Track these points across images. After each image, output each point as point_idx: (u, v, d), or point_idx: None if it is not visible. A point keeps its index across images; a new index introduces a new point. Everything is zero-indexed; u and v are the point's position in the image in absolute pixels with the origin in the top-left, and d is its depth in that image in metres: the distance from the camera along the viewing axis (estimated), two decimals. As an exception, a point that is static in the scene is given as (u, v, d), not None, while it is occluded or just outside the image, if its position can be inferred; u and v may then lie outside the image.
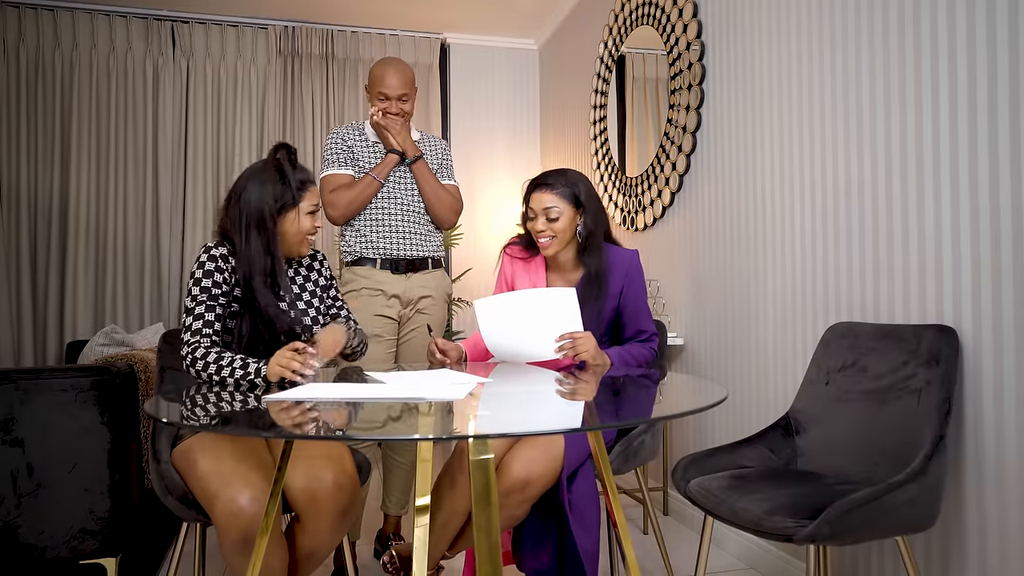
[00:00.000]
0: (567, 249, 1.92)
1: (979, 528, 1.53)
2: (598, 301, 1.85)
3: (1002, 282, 1.48)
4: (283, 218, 1.68)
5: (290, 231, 1.69)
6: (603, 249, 1.89)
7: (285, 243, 1.71)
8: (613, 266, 1.88)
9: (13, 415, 1.69)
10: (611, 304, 1.90)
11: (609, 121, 3.47)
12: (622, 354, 1.84)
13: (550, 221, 1.85)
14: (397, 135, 2.27)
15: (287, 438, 1.38)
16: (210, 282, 1.62)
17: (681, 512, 2.79)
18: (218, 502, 1.40)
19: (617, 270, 1.89)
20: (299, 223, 1.69)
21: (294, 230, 1.70)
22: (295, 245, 1.73)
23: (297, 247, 1.73)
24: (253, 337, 1.66)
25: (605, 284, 1.86)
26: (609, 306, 1.89)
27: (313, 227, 1.72)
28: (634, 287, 1.90)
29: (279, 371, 1.47)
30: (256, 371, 1.51)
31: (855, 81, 1.88)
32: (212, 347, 1.57)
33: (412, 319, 2.35)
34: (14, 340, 3.88)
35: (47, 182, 3.96)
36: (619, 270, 1.89)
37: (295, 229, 1.69)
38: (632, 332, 1.93)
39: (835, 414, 1.72)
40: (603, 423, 1.20)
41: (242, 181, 1.68)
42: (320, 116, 4.34)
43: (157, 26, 4.12)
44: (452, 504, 1.65)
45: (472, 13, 4.25)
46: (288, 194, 1.66)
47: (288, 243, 1.71)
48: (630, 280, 1.90)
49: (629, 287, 1.90)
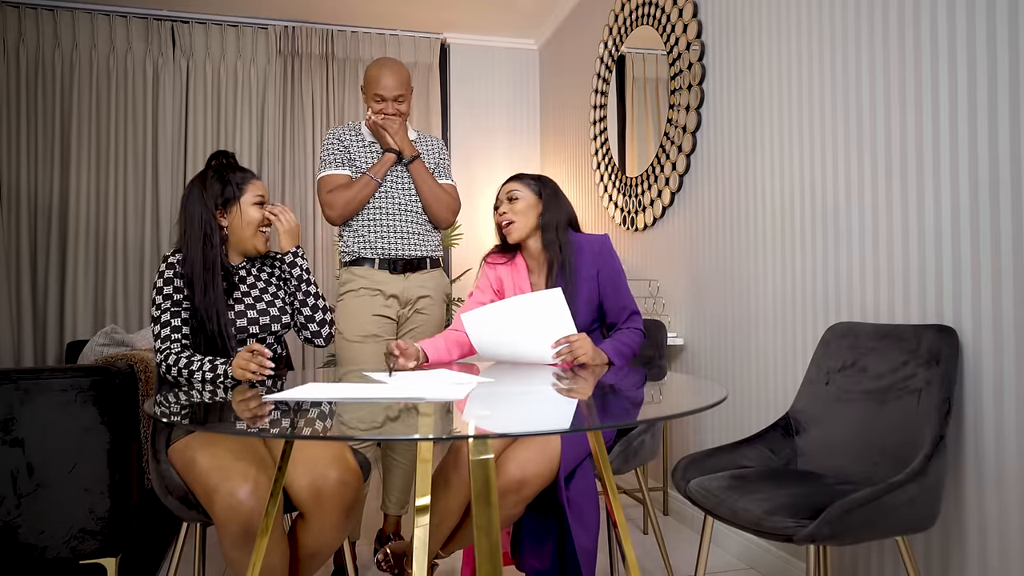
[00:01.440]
0: (533, 238, 1.96)
1: (979, 528, 1.53)
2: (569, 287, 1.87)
3: (1002, 282, 1.48)
4: (229, 214, 1.75)
5: (238, 225, 1.76)
6: (568, 237, 1.93)
7: (237, 239, 1.77)
8: (582, 251, 1.91)
9: (13, 415, 1.69)
10: (590, 287, 1.91)
11: (609, 121, 3.47)
12: (616, 347, 1.84)
13: (512, 201, 1.95)
14: (394, 135, 2.27)
15: (287, 438, 1.38)
16: (171, 288, 1.69)
17: (681, 512, 2.79)
18: (217, 496, 1.41)
19: (587, 254, 1.91)
20: (245, 214, 1.75)
21: (242, 223, 1.76)
22: (247, 239, 1.77)
23: (251, 240, 1.77)
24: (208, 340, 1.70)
25: (572, 269, 1.89)
26: (588, 289, 1.90)
27: (262, 216, 1.77)
28: (608, 267, 1.92)
29: (240, 374, 1.55)
30: (224, 372, 1.58)
31: (855, 81, 1.88)
32: (183, 351, 1.64)
33: (411, 319, 2.35)
34: (14, 340, 3.88)
35: (47, 182, 3.96)
36: (589, 254, 1.91)
37: (242, 222, 1.75)
38: (616, 313, 1.94)
39: (835, 414, 1.72)
40: (603, 423, 1.20)
41: (185, 191, 1.76)
42: (320, 116, 4.34)
43: (157, 26, 4.12)
44: (446, 504, 1.65)
45: (472, 13, 4.25)
46: (229, 189, 1.74)
47: (239, 238, 1.77)
48: (604, 261, 1.92)
49: (604, 268, 1.91)
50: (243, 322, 1.74)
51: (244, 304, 1.76)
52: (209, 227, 1.72)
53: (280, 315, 1.81)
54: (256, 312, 1.77)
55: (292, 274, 1.84)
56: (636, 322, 1.93)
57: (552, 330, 1.74)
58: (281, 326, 1.82)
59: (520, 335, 1.77)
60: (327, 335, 1.88)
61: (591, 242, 1.93)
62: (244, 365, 1.54)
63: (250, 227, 1.76)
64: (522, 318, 1.75)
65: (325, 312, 1.87)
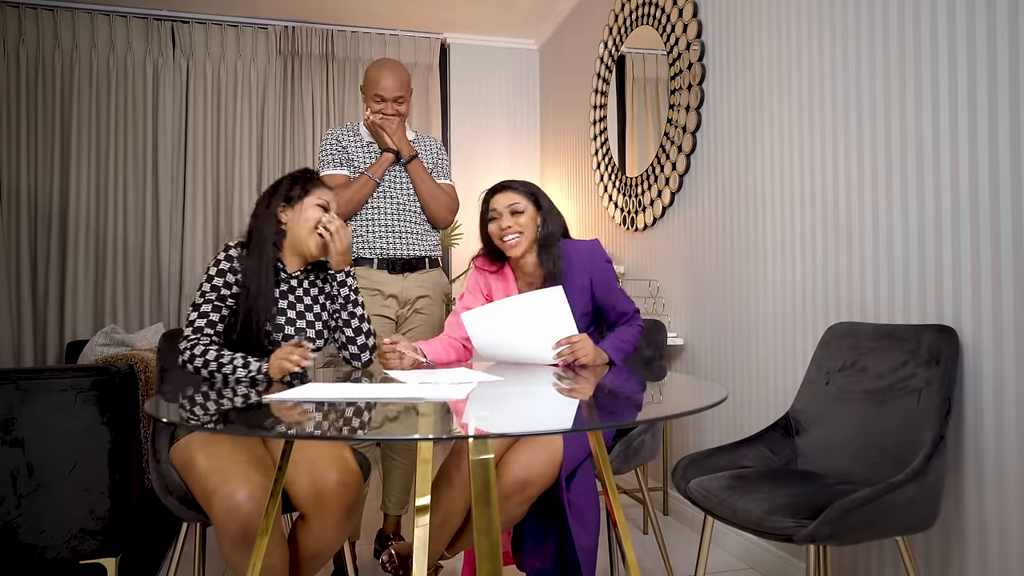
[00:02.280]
0: (531, 253, 1.92)
1: (979, 528, 1.53)
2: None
3: (1002, 282, 1.48)
4: (292, 211, 1.75)
5: (296, 222, 1.75)
6: (560, 248, 1.89)
7: (294, 237, 1.76)
8: (574, 260, 1.88)
9: (13, 415, 1.69)
10: (585, 297, 1.90)
11: (609, 121, 3.47)
12: (615, 344, 1.83)
13: (515, 215, 1.87)
14: (392, 135, 2.28)
15: (287, 438, 1.38)
16: (221, 281, 1.68)
17: (681, 512, 2.79)
18: (216, 498, 1.41)
19: (579, 263, 1.89)
20: (304, 212, 1.74)
21: (299, 220, 1.75)
22: (303, 238, 1.75)
23: (306, 240, 1.75)
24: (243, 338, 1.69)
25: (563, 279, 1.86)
26: (582, 300, 1.89)
27: (320, 218, 1.75)
28: (602, 275, 1.90)
29: (280, 364, 1.52)
30: (258, 368, 1.56)
31: (855, 81, 1.88)
32: (211, 345, 1.62)
33: (410, 319, 2.35)
34: (14, 340, 3.88)
35: (47, 182, 3.96)
36: (581, 262, 1.89)
37: (300, 219, 1.75)
38: (615, 317, 1.93)
39: (835, 414, 1.72)
40: (603, 423, 1.20)
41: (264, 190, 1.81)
42: (320, 116, 4.34)
43: (157, 26, 4.12)
44: (449, 504, 1.65)
45: (472, 13, 4.25)
46: (296, 189, 1.76)
47: (296, 236, 1.75)
48: (596, 269, 1.89)
49: (596, 276, 1.89)
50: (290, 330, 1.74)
51: (294, 312, 1.76)
52: (271, 225, 1.73)
53: (317, 337, 1.79)
54: (303, 323, 1.76)
55: (340, 293, 1.82)
56: (636, 319, 1.93)
57: (553, 329, 1.73)
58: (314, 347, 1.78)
59: (521, 334, 1.76)
60: (366, 360, 1.87)
61: (579, 251, 1.90)
62: (285, 355, 1.52)
63: (307, 225, 1.74)
64: (523, 317, 1.75)
65: (368, 336, 1.85)
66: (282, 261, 1.77)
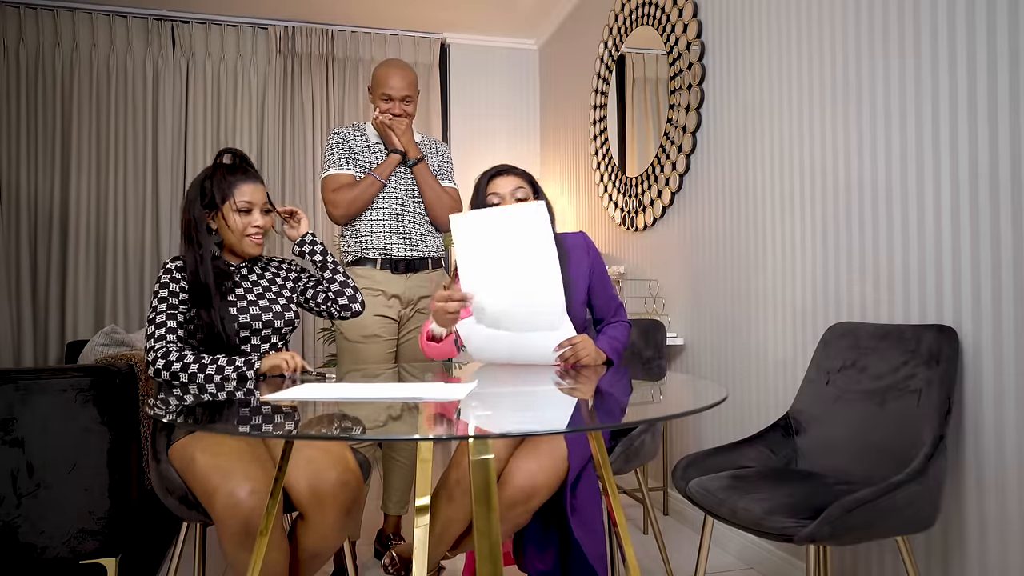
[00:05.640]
0: None
1: (979, 528, 1.53)
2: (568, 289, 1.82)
3: (1002, 282, 1.48)
4: (218, 216, 1.74)
5: (224, 228, 1.75)
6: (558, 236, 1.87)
7: (228, 243, 1.77)
8: (572, 248, 1.89)
9: (13, 415, 1.69)
10: (584, 284, 1.90)
11: (609, 121, 3.47)
12: (611, 344, 1.82)
13: (519, 201, 1.83)
14: (401, 136, 2.28)
15: (287, 438, 1.38)
16: (166, 292, 1.69)
17: (681, 512, 2.79)
18: (218, 496, 1.41)
19: (577, 251, 1.89)
20: (228, 220, 1.74)
21: (226, 227, 1.75)
22: (236, 244, 1.76)
23: (239, 245, 1.76)
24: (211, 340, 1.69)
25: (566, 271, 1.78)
26: (582, 288, 1.89)
27: (244, 224, 1.74)
28: (598, 262, 1.93)
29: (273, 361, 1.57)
30: (247, 363, 1.58)
31: (855, 81, 1.88)
32: (184, 348, 1.64)
33: (412, 319, 2.35)
34: (14, 340, 3.88)
35: (47, 182, 3.96)
36: (579, 250, 1.90)
37: (228, 225, 1.74)
38: (605, 307, 1.93)
39: (835, 414, 1.72)
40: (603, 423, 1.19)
41: (188, 189, 1.78)
42: (320, 116, 4.34)
43: (157, 26, 4.12)
44: (448, 515, 1.63)
45: (472, 13, 4.25)
46: (215, 194, 1.73)
47: (229, 242, 1.77)
48: (593, 256, 1.92)
49: (595, 264, 1.91)
50: (245, 318, 1.73)
51: (246, 301, 1.76)
52: (196, 229, 1.71)
53: (283, 311, 1.80)
54: (258, 308, 1.76)
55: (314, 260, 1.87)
56: (622, 314, 1.94)
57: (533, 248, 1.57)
58: (284, 323, 1.80)
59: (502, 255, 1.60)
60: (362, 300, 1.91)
61: (577, 240, 1.91)
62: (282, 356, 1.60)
63: (236, 232, 1.75)
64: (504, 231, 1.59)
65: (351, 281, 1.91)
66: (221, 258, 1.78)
